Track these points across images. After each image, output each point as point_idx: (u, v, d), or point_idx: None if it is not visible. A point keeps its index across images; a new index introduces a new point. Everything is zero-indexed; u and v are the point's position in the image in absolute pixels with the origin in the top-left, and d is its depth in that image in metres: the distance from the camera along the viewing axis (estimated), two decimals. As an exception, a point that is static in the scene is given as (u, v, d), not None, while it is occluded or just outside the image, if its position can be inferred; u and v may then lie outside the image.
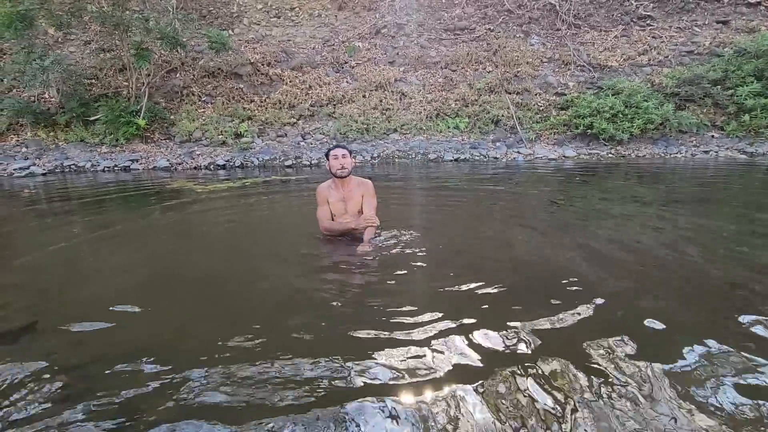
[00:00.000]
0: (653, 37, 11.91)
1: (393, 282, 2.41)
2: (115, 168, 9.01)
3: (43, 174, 8.61)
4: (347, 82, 11.50)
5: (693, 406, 1.35)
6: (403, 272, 2.53)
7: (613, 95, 10.03)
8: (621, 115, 9.74)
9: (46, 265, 3.00)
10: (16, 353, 1.76)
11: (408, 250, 2.87)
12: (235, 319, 2.04)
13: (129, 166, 9.07)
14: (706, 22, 11.94)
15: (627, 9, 12.48)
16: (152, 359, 1.66)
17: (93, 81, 10.71)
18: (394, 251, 2.85)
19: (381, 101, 10.94)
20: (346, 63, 11.88)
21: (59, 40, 11.33)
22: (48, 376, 1.59)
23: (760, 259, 2.70)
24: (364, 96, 11.06)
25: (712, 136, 10.01)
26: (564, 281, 2.34)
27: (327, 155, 3.05)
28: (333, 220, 3.04)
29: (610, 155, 9.57)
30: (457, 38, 12.53)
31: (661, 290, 2.25)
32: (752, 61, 9.95)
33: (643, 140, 9.99)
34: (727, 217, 4.07)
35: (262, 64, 11.38)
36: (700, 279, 2.45)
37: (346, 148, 3.04)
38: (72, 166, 9.04)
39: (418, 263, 2.66)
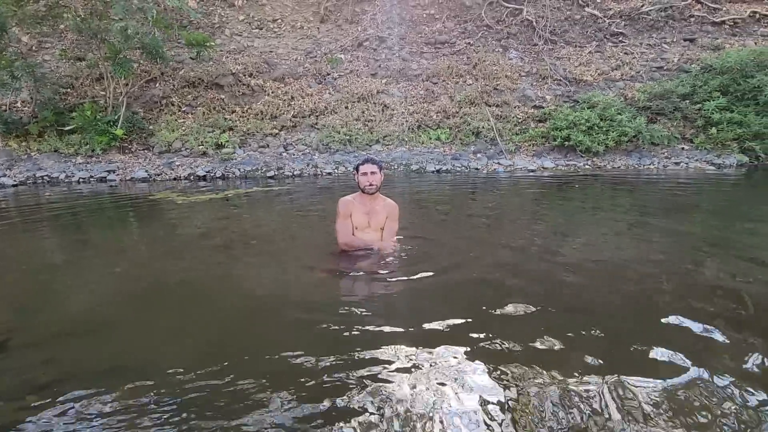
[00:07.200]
0: (625, 53, 12.38)
1: (384, 298, 2.42)
2: (91, 179, 8.78)
3: (14, 185, 8.32)
4: (329, 93, 11.55)
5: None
6: (394, 288, 2.53)
7: (588, 108, 10.34)
8: (596, 128, 10.04)
9: (19, 281, 2.90)
10: (-14, 372, 1.69)
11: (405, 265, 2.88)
12: (213, 336, 2.01)
13: (105, 177, 8.84)
14: (675, 40, 12.49)
15: (600, 26, 12.96)
16: (126, 378, 1.62)
17: (68, 90, 10.46)
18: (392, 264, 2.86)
19: (363, 113, 11.01)
20: (328, 74, 11.94)
21: (33, 48, 11.05)
22: (19, 394, 1.53)
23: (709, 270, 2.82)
24: (346, 107, 11.12)
25: (683, 149, 10.40)
26: (548, 292, 2.38)
27: (356, 168, 2.89)
28: (354, 232, 2.94)
29: (587, 166, 9.84)
30: (437, 52, 12.76)
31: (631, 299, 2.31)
32: (718, 77, 10.44)
33: (618, 152, 10.31)
34: (698, 228, 4.22)
35: (244, 75, 11.34)
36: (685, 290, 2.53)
37: (377, 162, 2.89)
38: (45, 177, 8.77)
39: (411, 277, 2.67)
